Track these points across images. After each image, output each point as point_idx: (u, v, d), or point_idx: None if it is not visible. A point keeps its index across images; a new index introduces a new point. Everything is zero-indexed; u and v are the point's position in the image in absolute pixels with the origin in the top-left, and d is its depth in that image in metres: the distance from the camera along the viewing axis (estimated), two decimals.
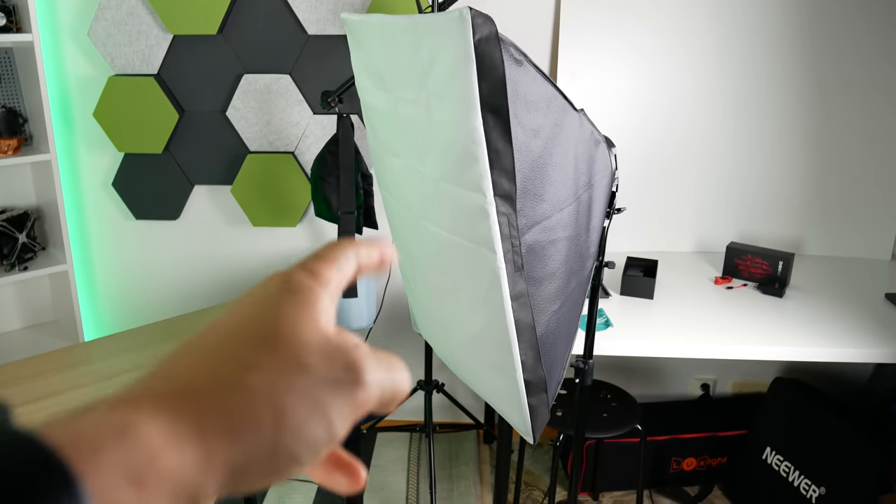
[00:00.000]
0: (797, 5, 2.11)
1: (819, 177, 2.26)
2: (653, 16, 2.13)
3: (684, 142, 2.23)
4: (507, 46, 1.00)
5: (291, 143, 2.26)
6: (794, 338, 1.74)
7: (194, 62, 2.21)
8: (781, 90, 2.19)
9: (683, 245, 2.31)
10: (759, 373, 2.47)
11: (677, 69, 2.17)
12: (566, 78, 2.16)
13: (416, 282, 1.44)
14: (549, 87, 1.10)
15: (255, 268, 2.42)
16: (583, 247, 1.24)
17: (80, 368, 1.65)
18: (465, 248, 1.13)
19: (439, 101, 1.07)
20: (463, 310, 1.23)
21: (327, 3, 2.13)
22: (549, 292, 1.16)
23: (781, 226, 2.30)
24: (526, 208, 1.10)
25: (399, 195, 1.35)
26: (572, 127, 1.18)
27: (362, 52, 1.35)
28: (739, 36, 2.14)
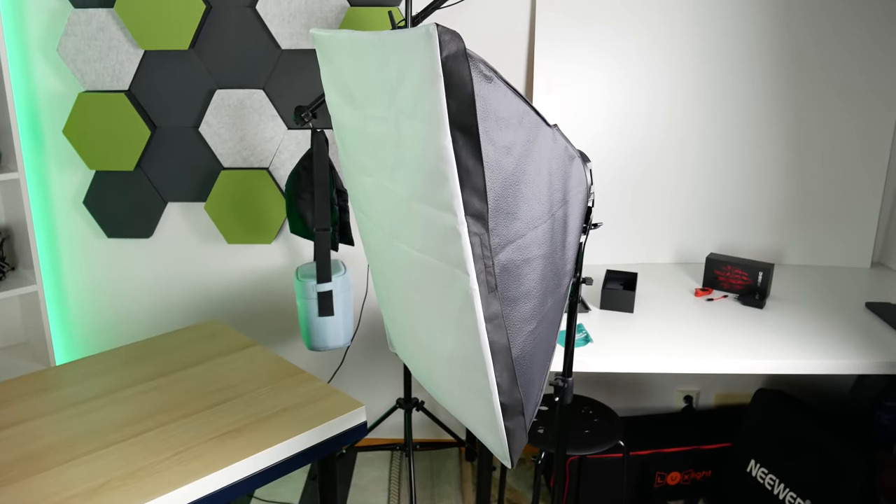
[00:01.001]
0: (774, 11, 2.12)
1: (797, 186, 2.27)
2: (629, 22, 2.13)
3: (663, 152, 2.22)
4: (475, 63, 0.98)
5: (266, 158, 2.23)
6: (775, 350, 1.73)
7: (166, 78, 2.17)
8: (759, 98, 2.19)
9: (663, 257, 2.30)
10: (743, 384, 2.46)
11: (655, 77, 2.17)
12: (542, 88, 2.15)
13: (389, 301, 1.41)
14: (520, 103, 1.08)
15: (230, 286, 2.38)
16: (559, 264, 1.22)
17: (47, 394, 1.60)
18: (437, 269, 1.10)
19: (408, 118, 1.05)
20: (436, 330, 1.20)
21: (300, 18, 2.10)
22: (525, 312, 1.13)
23: (761, 236, 2.30)
24: (499, 227, 1.07)
25: (371, 213, 1.32)
26: (545, 143, 1.16)
27: (332, 69, 1.32)
28: (717, 42, 2.15)
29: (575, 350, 1.65)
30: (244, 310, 2.40)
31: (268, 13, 2.11)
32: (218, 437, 1.41)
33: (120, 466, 1.32)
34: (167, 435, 1.42)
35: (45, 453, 1.36)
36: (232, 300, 2.38)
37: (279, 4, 2.10)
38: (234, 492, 1.34)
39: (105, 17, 2.11)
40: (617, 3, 2.10)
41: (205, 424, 1.46)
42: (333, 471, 1.59)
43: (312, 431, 1.45)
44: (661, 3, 2.11)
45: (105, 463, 1.33)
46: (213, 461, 1.33)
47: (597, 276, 2.08)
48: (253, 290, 2.37)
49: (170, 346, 1.84)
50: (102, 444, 1.39)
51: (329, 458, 1.56)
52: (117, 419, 1.48)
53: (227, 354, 1.78)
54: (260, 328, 2.41)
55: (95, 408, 1.53)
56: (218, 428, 1.45)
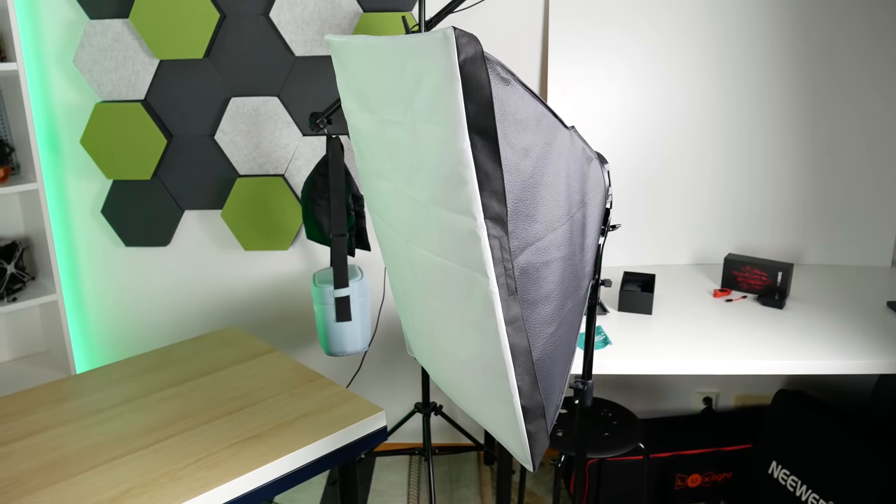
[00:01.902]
0: (788, 13, 2.11)
1: (815, 185, 2.24)
2: (642, 26, 2.12)
3: (678, 153, 2.21)
4: (493, 66, 0.98)
5: (281, 165, 2.24)
6: (795, 351, 1.71)
7: (181, 87, 2.19)
8: (774, 99, 2.18)
9: (681, 258, 2.28)
10: (763, 385, 2.44)
11: (668, 80, 2.16)
12: (557, 92, 2.15)
13: (408, 306, 1.41)
14: (538, 106, 1.08)
15: (247, 292, 2.39)
16: (578, 266, 1.21)
17: (68, 403, 1.62)
18: (457, 272, 1.10)
19: (425, 123, 1.05)
20: (456, 334, 1.20)
21: (314, 24, 2.11)
22: (545, 315, 1.13)
23: (779, 236, 2.28)
24: (518, 230, 1.07)
25: (388, 218, 1.32)
26: (563, 145, 1.15)
27: (347, 75, 1.32)
28: (729, 45, 2.13)
29: (594, 352, 1.64)
30: (262, 316, 2.41)
31: (281, 20, 2.12)
32: (238, 443, 1.42)
33: (142, 473, 1.32)
34: (188, 441, 1.43)
35: (67, 461, 1.37)
36: (250, 307, 2.39)
37: (292, 11, 2.11)
38: (255, 497, 1.35)
39: (120, 28, 2.13)
40: (630, 8, 2.10)
41: (225, 431, 1.46)
42: (354, 476, 1.59)
43: (332, 437, 1.45)
44: (672, 8, 2.10)
45: (127, 470, 1.34)
46: (235, 467, 1.34)
47: (614, 277, 2.07)
48: (270, 297, 2.38)
49: (189, 353, 1.85)
50: (124, 451, 1.40)
51: (349, 463, 1.56)
52: (138, 426, 1.49)
53: (245, 361, 1.79)
54: (278, 334, 2.42)
55: (116, 415, 1.54)
56: (238, 434, 1.45)
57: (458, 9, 1.85)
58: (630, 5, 2.10)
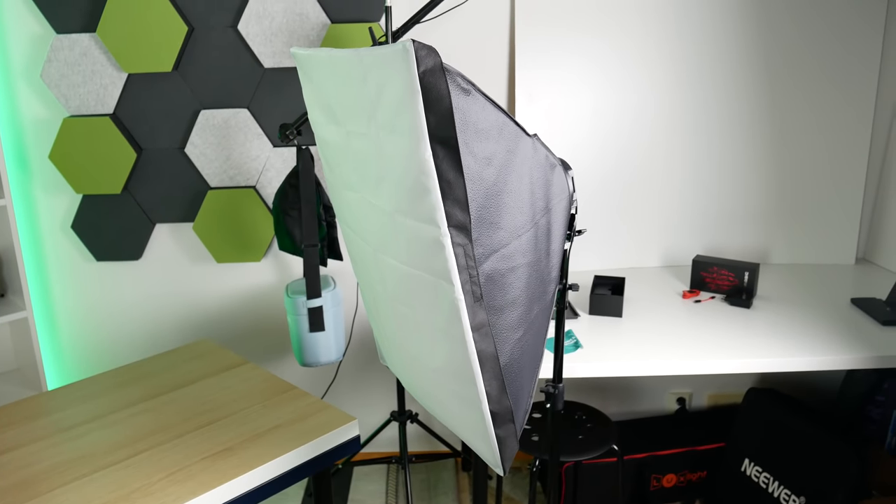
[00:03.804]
0: (752, 17, 2.16)
1: (780, 186, 2.29)
2: (611, 30, 2.16)
3: (648, 157, 2.25)
4: (453, 76, 1.00)
5: (252, 177, 2.24)
6: (763, 349, 1.74)
7: (150, 100, 2.18)
8: (740, 102, 2.22)
9: (651, 260, 2.32)
10: (735, 384, 2.48)
11: (638, 83, 2.20)
12: (524, 98, 2.18)
13: (378, 314, 1.42)
14: (499, 115, 1.10)
15: (221, 305, 2.38)
16: (544, 272, 1.23)
17: (39, 420, 1.60)
18: (424, 280, 1.11)
19: (389, 134, 1.06)
20: (425, 342, 1.21)
21: (282, 36, 2.12)
22: (511, 320, 1.15)
23: (746, 236, 2.33)
24: (482, 237, 1.09)
25: (357, 228, 1.34)
26: (526, 152, 1.17)
27: (313, 87, 1.34)
28: (697, 49, 2.18)
29: (565, 356, 1.66)
30: (235, 328, 2.40)
31: (250, 33, 2.13)
32: (210, 456, 1.42)
33: (113, 490, 1.31)
34: (160, 456, 1.42)
35: (37, 480, 1.36)
36: (223, 319, 2.38)
37: (261, 24, 2.12)
38: None
39: (88, 42, 2.12)
40: (597, 11, 2.14)
41: (197, 444, 1.46)
42: (329, 486, 1.59)
43: (305, 447, 1.45)
44: (640, 10, 2.14)
45: (98, 487, 1.33)
46: (207, 481, 1.33)
47: (585, 281, 2.10)
48: (244, 309, 2.38)
49: (160, 367, 1.84)
50: (95, 468, 1.39)
51: (323, 473, 1.56)
52: (109, 442, 1.48)
53: (218, 374, 1.78)
54: (252, 346, 2.41)
55: (87, 432, 1.53)
56: (210, 447, 1.45)
57: (424, 19, 1.87)
58: (599, 9, 2.14)
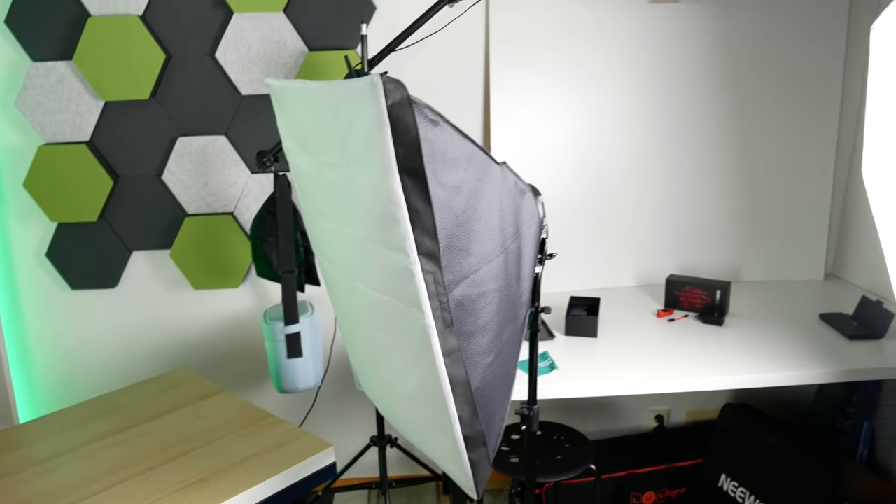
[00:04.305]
0: (720, 44, 2.21)
1: (750, 206, 2.34)
2: (585, 53, 2.19)
3: (623, 179, 2.28)
4: (420, 108, 1.02)
5: (230, 203, 2.25)
6: (735, 365, 1.77)
7: (127, 127, 2.19)
8: (710, 127, 2.28)
9: (626, 280, 2.35)
10: (711, 400, 2.50)
11: (613, 106, 2.24)
12: (500, 121, 2.21)
13: (353, 341, 1.43)
14: (468, 144, 1.13)
15: (198, 332, 2.37)
16: (514, 296, 1.25)
17: (10, 455, 1.58)
18: (395, 307, 1.13)
19: (359, 164, 1.08)
20: (398, 368, 1.22)
21: (259, 64, 2.15)
22: (482, 345, 1.16)
23: (719, 255, 2.37)
24: (452, 264, 1.10)
25: (331, 256, 1.35)
26: (495, 180, 1.20)
27: (287, 117, 1.36)
28: (668, 75, 2.23)
29: (540, 378, 1.68)
30: (214, 356, 2.38)
31: (227, 60, 2.15)
32: (184, 487, 1.41)
33: None
34: (133, 489, 1.41)
35: None
36: (201, 347, 2.37)
37: (238, 51, 2.14)
38: None
39: (64, 70, 2.13)
40: (570, 34, 2.17)
41: (170, 476, 1.45)
42: None
43: (280, 476, 1.45)
44: (612, 33, 2.19)
45: None
46: None
47: (561, 303, 2.12)
48: (222, 336, 2.37)
49: (135, 397, 1.82)
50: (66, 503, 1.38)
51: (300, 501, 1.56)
52: (81, 476, 1.47)
53: (193, 403, 1.77)
54: (230, 373, 2.40)
55: (59, 465, 1.51)
56: (183, 479, 1.44)
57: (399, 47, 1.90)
58: (571, 32, 2.17)
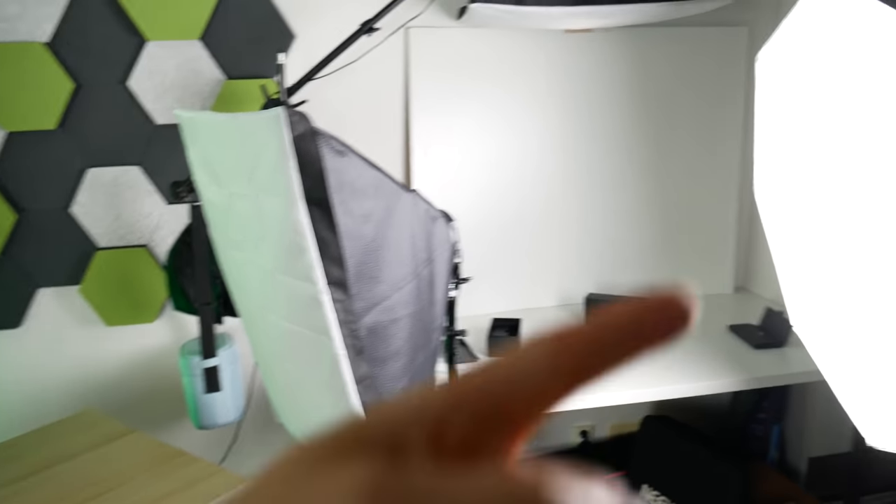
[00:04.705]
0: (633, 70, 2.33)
1: (665, 225, 2.45)
2: (507, 79, 2.25)
3: (546, 201, 2.35)
4: (327, 140, 1.04)
5: (145, 235, 2.19)
6: (653, 378, 1.85)
7: (32, 159, 2.11)
8: (627, 147, 2.38)
9: (548, 300, 2.41)
10: (633, 413, 2.58)
11: (535, 131, 2.30)
12: (420, 148, 2.24)
13: (269, 372, 1.42)
14: (376, 174, 1.15)
15: (112, 371, 2.28)
16: (427, 321, 1.28)
17: None
18: (306, 337, 1.13)
19: (267, 195, 1.09)
20: (312, 397, 1.22)
21: (174, 92, 2.11)
22: (395, 371, 1.18)
23: (637, 273, 2.47)
24: (363, 291, 1.12)
25: (243, 287, 1.34)
26: (405, 208, 1.22)
27: (197, 148, 1.35)
28: (587, 98, 2.32)
29: None
30: (129, 395, 2.30)
31: (140, 89, 2.10)
32: None
33: None
34: None
35: None
36: (115, 385, 2.28)
37: (152, 80, 2.10)
38: None
39: None
40: (490, 61, 2.23)
41: None
42: None
43: None
44: (533, 60, 2.26)
45: None
46: None
47: (484, 324, 2.15)
48: (137, 373, 2.29)
49: (38, 442, 1.73)
50: None
51: None
52: None
53: (101, 446, 1.69)
54: (147, 412, 2.32)
55: None
56: None
57: (317, 76, 1.91)
58: (494, 59, 2.23)
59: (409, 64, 2.20)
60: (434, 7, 2.13)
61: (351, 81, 2.19)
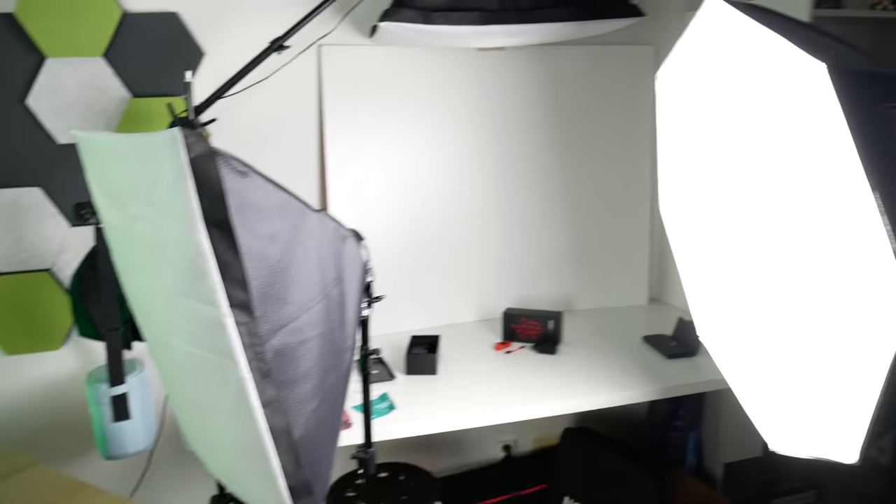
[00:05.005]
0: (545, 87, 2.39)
1: (581, 239, 2.53)
2: (423, 96, 2.28)
3: (464, 217, 2.38)
4: (227, 160, 1.03)
5: (48, 259, 2.09)
6: (569, 391, 1.89)
7: None
8: (541, 164, 2.44)
9: (468, 316, 2.44)
10: (554, 426, 2.62)
11: (452, 148, 2.34)
12: (335, 166, 2.23)
13: (176, 398, 1.38)
14: (281, 194, 1.14)
15: (13, 402, 2.15)
16: (338, 341, 1.27)
17: None
18: (210, 361, 1.10)
19: (166, 218, 1.07)
20: (220, 422, 1.19)
21: (77, 111, 2.04)
22: (305, 392, 1.17)
23: (554, 287, 2.53)
24: (269, 313, 1.10)
25: (147, 311, 1.30)
26: (312, 228, 1.22)
27: (95, 170, 1.30)
28: (502, 115, 2.37)
29: (380, 419, 1.69)
30: (33, 426, 2.17)
31: (41, 108, 2.02)
32: None
33: None
34: None
35: None
36: (17, 417, 2.15)
37: (53, 98, 2.02)
38: None
39: None
40: (405, 79, 2.25)
41: None
42: None
43: None
44: (448, 78, 2.29)
45: None
46: None
47: (403, 343, 2.15)
48: (41, 403, 2.16)
49: None
50: None
51: None
52: None
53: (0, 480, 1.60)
54: (53, 444, 2.19)
55: None
56: None
57: (226, 94, 1.88)
58: (408, 77, 2.25)
59: (323, 82, 2.20)
60: (347, 26, 2.15)
61: (264, 99, 2.17)
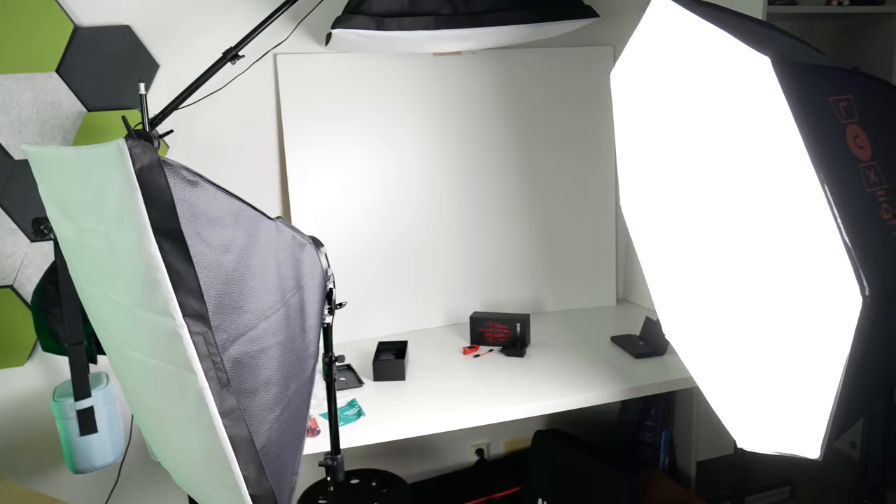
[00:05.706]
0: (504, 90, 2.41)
1: (548, 242, 2.55)
2: (383, 102, 2.28)
3: (429, 223, 2.39)
4: (176, 170, 1.03)
5: (9, 275, 2.06)
6: (538, 393, 1.89)
7: None
8: (506, 167, 2.46)
9: (435, 321, 2.44)
10: (525, 428, 2.63)
11: (416, 154, 2.35)
12: (297, 177, 2.23)
13: (138, 410, 1.36)
14: (234, 202, 1.14)
15: None
16: (300, 349, 1.27)
17: None
18: (168, 372, 1.10)
19: (117, 229, 1.06)
20: (181, 432, 1.19)
21: (33, 126, 2.01)
22: (266, 401, 1.16)
23: (522, 290, 2.54)
24: (226, 322, 1.10)
25: (104, 324, 1.29)
26: (269, 235, 1.22)
27: (46, 184, 1.29)
28: (463, 120, 2.39)
29: (348, 426, 1.69)
30: None
31: None
32: None
33: None
34: None
35: None
36: None
37: (7, 114, 1.99)
38: None
39: None
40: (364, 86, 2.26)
41: None
42: None
43: None
44: (406, 84, 2.30)
45: None
46: None
47: (371, 349, 2.15)
48: (6, 420, 2.13)
49: None
50: None
51: None
52: None
53: None
54: (20, 461, 2.16)
55: None
56: None
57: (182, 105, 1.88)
58: (367, 83, 2.26)
59: (280, 90, 2.20)
60: (302, 34, 2.15)
61: (222, 110, 2.16)
